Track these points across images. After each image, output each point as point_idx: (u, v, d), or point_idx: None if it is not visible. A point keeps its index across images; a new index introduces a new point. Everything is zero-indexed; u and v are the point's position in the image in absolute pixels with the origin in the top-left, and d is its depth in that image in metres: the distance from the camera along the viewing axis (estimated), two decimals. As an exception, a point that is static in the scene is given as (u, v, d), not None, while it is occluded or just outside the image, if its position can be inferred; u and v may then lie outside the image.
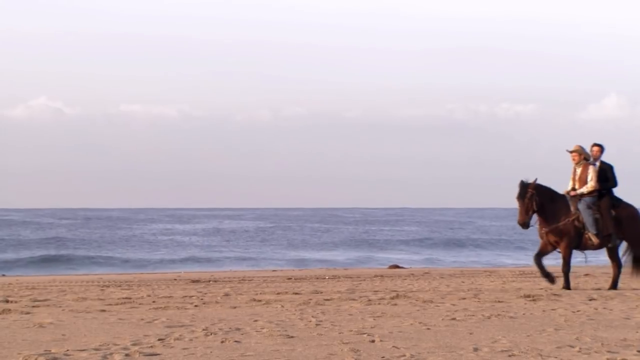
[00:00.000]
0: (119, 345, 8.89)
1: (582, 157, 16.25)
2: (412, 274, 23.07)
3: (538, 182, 16.04)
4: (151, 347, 8.79)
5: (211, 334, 9.66)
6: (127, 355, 8.28)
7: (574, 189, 16.21)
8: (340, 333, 9.76)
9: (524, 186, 15.99)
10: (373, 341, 9.13)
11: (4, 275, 30.99)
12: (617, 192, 16.35)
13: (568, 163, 16.34)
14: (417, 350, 8.54)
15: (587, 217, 15.96)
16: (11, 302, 14.07)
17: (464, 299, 14.06)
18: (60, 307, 13.10)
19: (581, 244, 16.17)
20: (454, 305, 12.99)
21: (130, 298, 14.83)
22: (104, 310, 12.42)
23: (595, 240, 16.01)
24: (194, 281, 20.41)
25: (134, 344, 8.92)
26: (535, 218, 16.09)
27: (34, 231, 71.62)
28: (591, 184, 16.05)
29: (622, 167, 16.98)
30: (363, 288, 17.05)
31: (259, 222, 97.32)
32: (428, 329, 10.17)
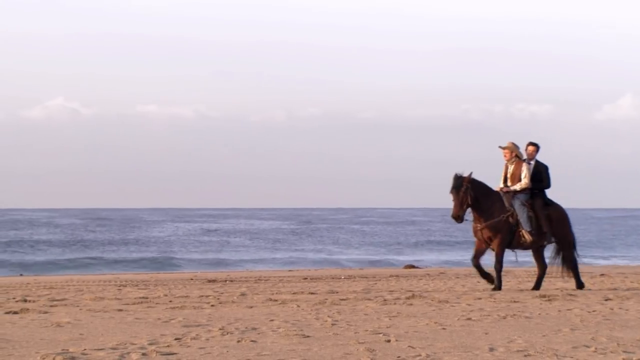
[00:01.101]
0: (136, 344, 8.94)
1: (514, 154, 15.98)
2: (428, 274, 23.07)
3: (473, 176, 15.72)
4: (168, 346, 8.84)
5: (228, 334, 9.70)
6: (144, 354, 8.33)
7: (506, 185, 15.95)
8: (356, 333, 9.79)
9: (459, 179, 15.67)
10: (389, 341, 9.15)
11: (21, 274, 31.18)
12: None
13: (584, 164, 16.29)
14: (432, 350, 8.55)
15: (521, 215, 15.72)
16: (29, 301, 14.16)
17: (480, 299, 14.06)
18: (77, 306, 13.17)
19: (514, 242, 15.88)
20: (469, 305, 13.00)
21: (147, 298, 14.89)
22: (121, 310, 12.49)
23: (528, 238, 15.74)
24: (210, 281, 20.49)
25: (151, 344, 8.97)
26: (471, 216, 15.83)
27: (65, 231, 72.04)
28: (525, 181, 15.81)
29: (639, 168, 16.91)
30: (379, 288, 17.07)
31: (285, 222, 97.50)
32: (444, 328, 10.19)
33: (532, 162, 16.09)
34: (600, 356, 8.32)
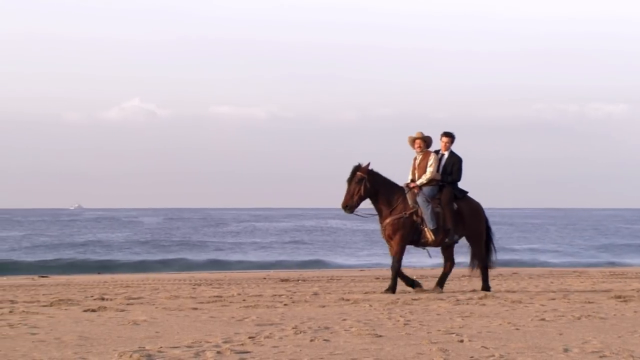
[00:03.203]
0: (210, 342, 9.06)
1: (425, 145, 15.26)
2: (501, 274, 22.87)
3: (374, 169, 15.07)
4: (242, 344, 8.94)
5: (300, 333, 9.77)
6: (218, 352, 8.43)
7: (413, 180, 15.27)
8: (428, 333, 9.78)
9: (355, 169, 15.00)
10: (462, 341, 9.13)
11: (99, 273, 31.75)
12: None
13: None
14: (506, 351, 8.51)
15: (425, 211, 14.95)
16: (107, 299, 14.41)
17: (553, 299, 13.92)
18: (153, 304, 13.37)
19: (419, 240, 15.14)
20: (543, 305, 12.88)
21: (221, 296, 15.05)
22: (195, 308, 12.64)
23: (430, 237, 15.01)
24: (283, 280, 20.62)
25: (225, 342, 9.08)
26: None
27: (144, 230, 73.14)
28: (430, 170, 15.03)
29: None
30: (451, 288, 16.99)
31: (355, 222, 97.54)
32: (517, 329, 10.12)
33: (446, 154, 15.30)
34: (677, 358, 8.19)
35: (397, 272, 15.17)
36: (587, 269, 29.38)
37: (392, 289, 15.12)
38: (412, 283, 15.32)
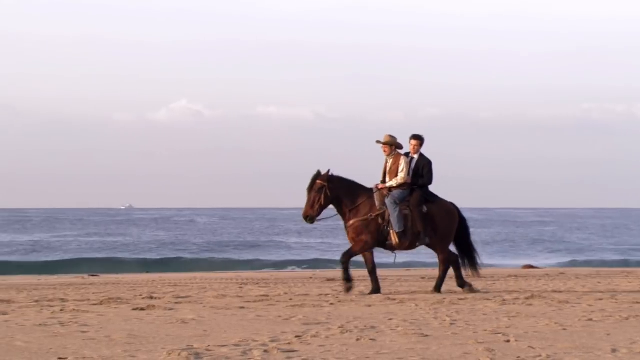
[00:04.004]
0: (257, 341, 9.13)
1: (394, 148, 14.99)
2: (547, 274, 22.75)
3: (336, 174, 14.81)
4: (289, 343, 9.00)
5: (347, 332, 9.81)
6: (265, 351, 8.50)
7: (383, 182, 14.99)
8: (474, 332, 9.77)
9: (314, 177, 14.73)
10: (508, 341, 9.11)
11: (147, 272, 32.07)
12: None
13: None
14: (553, 351, 8.49)
15: (392, 214, 14.64)
16: (155, 298, 14.57)
17: (601, 299, 13.81)
18: (201, 303, 13.48)
19: (385, 243, 14.83)
20: (590, 306, 12.80)
21: (267, 295, 15.14)
22: (242, 307, 12.74)
23: (394, 240, 14.70)
24: (329, 279, 20.67)
25: (272, 341, 9.15)
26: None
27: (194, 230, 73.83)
28: (401, 175, 14.73)
29: None
30: (497, 288, 16.94)
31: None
32: (564, 329, 10.08)
33: (416, 157, 15.06)
34: None
35: (345, 266, 14.85)
36: (635, 269, 29.10)
37: (347, 290, 14.88)
38: (348, 278, 14.90)
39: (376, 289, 15.00)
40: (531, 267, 30.83)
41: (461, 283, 15.43)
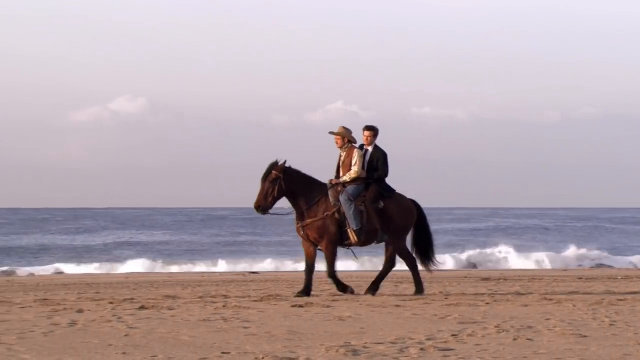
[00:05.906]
0: (414, 339, 9.25)
1: (347, 140, 14.16)
2: None
3: (292, 166, 14.15)
4: (445, 342, 9.08)
5: (503, 332, 9.81)
6: (422, 349, 8.61)
7: (337, 177, 14.24)
8: (635, 334, 9.60)
9: (270, 167, 14.05)
10: (670, 343, 8.93)
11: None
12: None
13: None
14: None
15: (348, 211, 13.89)
16: (313, 295, 14.84)
17: None
18: (357, 301, 13.66)
19: (343, 241, 14.12)
20: None
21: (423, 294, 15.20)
22: (398, 306, 12.86)
23: (353, 238, 13.98)
24: (484, 279, 20.57)
25: (428, 339, 9.25)
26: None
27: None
28: (355, 169, 13.98)
29: None
30: (660, 289, 16.50)
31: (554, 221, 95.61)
32: None
33: (370, 149, 14.33)
34: None
35: (334, 277, 14.52)
36: None
37: (341, 289, 14.61)
38: (344, 289, 14.59)
39: (307, 291, 14.45)
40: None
41: (419, 289, 15.08)
